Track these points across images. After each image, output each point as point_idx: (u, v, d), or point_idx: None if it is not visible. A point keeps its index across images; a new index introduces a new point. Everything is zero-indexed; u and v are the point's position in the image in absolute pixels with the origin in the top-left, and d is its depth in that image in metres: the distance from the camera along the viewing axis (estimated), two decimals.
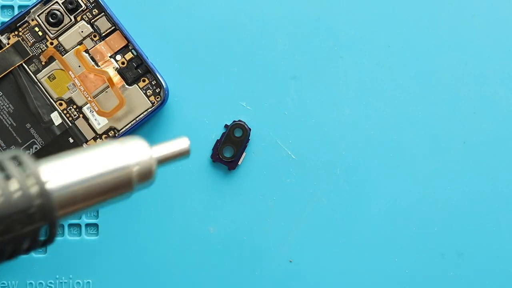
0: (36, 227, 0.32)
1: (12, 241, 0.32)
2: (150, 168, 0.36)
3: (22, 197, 0.31)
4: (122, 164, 0.35)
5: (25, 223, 0.31)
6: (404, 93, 0.50)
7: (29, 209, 0.31)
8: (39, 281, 0.49)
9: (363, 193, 0.50)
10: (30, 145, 0.48)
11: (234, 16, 0.50)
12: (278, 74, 0.50)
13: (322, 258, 0.50)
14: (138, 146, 0.36)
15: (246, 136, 0.50)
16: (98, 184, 0.34)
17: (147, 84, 0.49)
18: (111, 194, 0.35)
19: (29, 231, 0.32)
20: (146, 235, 0.50)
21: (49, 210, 0.32)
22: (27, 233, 0.32)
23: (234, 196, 0.50)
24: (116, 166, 0.35)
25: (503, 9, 0.50)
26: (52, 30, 0.48)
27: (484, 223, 0.50)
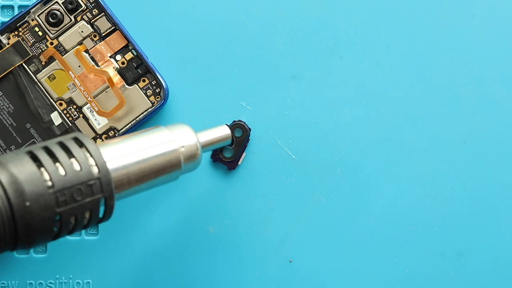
0: (95, 198, 0.35)
1: (74, 211, 0.35)
2: (196, 151, 0.41)
3: (84, 171, 0.35)
4: (171, 147, 0.40)
5: (85, 194, 0.35)
6: (404, 93, 0.50)
7: (90, 180, 0.35)
8: (39, 281, 0.49)
9: (363, 193, 0.50)
10: (30, 145, 0.48)
11: (234, 16, 0.50)
12: (278, 74, 0.50)
13: (322, 258, 0.50)
14: (185, 131, 0.41)
15: (246, 136, 0.49)
16: (150, 165, 0.39)
17: (147, 84, 0.49)
18: (161, 174, 0.40)
19: (89, 201, 0.35)
20: (146, 235, 0.50)
21: (107, 183, 0.35)
22: (87, 204, 0.35)
23: (234, 196, 0.50)
24: (166, 150, 0.40)
25: (503, 9, 0.51)
26: (52, 30, 0.48)
27: (484, 223, 0.50)
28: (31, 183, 0.33)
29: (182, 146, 0.41)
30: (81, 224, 0.36)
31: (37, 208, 0.33)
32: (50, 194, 0.34)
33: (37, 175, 0.34)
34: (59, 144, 0.36)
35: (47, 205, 0.34)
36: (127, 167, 0.38)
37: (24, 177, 0.34)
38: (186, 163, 0.41)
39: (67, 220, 0.35)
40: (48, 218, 0.34)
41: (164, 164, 0.40)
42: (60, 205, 0.34)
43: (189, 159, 0.41)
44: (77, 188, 0.35)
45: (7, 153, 0.35)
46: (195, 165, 0.42)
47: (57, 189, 0.34)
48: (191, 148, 0.41)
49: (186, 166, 0.41)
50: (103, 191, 0.36)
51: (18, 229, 0.33)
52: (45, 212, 0.34)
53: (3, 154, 0.35)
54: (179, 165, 0.40)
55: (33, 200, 0.33)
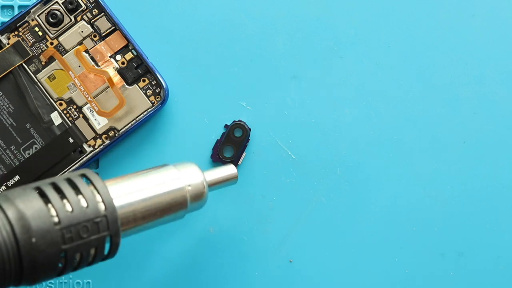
0: (101, 236, 0.35)
1: (80, 248, 0.35)
2: (202, 190, 0.41)
3: (91, 208, 0.35)
4: (178, 186, 0.40)
5: (92, 231, 0.35)
6: (404, 93, 0.50)
7: (96, 218, 0.35)
8: None
9: (363, 193, 0.50)
10: (30, 145, 0.48)
11: (234, 16, 0.50)
12: (278, 74, 0.50)
13: (322, 258, 0.50)
14: (192, 170, 0.41)
15: (246, 136, 0.50)
16: (156, 203, 0.39)
17: (147, 84, 0.49)
18: (167, 213, 0.40)
19: (95, 239, 0.35)
20: (146, 235, 0.50)
21: (113, 220, 0.36)
22: (93, 241, 0.35)
23: (234, 196, 0.50)
24: (172, 188, 0.40)
25: (503, 9, 0.51)
26: (52, 30, 0.48)
27: (484, 223, 0.50)
28: (38, 219, 0.34)
29: (188, 185, 0.41)
30: (86, 261, 0.36)
31: (43, 244, 0.33)
32: (57, 230, 0.34)
33: (44, 211, 0.34)
34: (66, 180, 0.36)
35: (53, 241, 0.34)
36: (133, 205, 0.38)
37: (31, 213, 0.34)
38: (192, 203, 0.41)
39: (73, 256, 0.35)
40: (54, 254, 0.34)
41: (170, 202, 0.40)
42: (66, 242, 0.34)
43: (195, 198, 0.41)
44: (83, 225, 0.35)
45: (15, 189, 0.35)
46: (201, 204, 0.42)
47: (64, 225, 0.34)
48: (197, 186, 0.41)
49: (192, 205, 0.41)
50: (109, 229, 0.36)
51: (24, 265, 0.34)
52: (51, 249, 0.34)
53: (10, 190, 0.35)
54: (185, 204, 0.40)
55: (39, 236, 0.33)
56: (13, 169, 0.48)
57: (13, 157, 0.48)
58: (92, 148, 0.49)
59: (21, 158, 0.48)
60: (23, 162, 0.48)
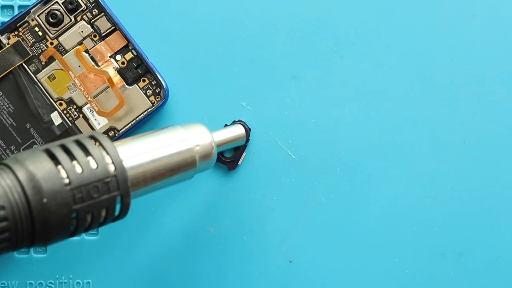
0: (112, 195, 0.36)
1: (91, 208, 0.35)
2: (211, 150, 0.42)
3: (101, 168, 0.35)
4: (187, 146, 0.40)
5: (102, 191, 0.35)
6: (404, 93, 0.50)
7: (106, 178, 0.35)
8: (39, 281, 0.49)
9: (363, 193, 0.50)
10: (30, 145, 0.48)
11: (234, 16, 0.50)
12: (278, 74, 0.50)
13: (322, 258, 0.50)
14: (200, 130, 0.42)
15: (246, 136, 0.49)
16: (166, 164, 0.39)
17: (147, 84, 0.49)
18: (176, 172, 0.40)
19: (105, 199, 0.35)
20: (146, 235, 0.50)
21: (123, 180, 0.36)
22: (104, 201, 0.35)
23: (234, 196, 0.50)
24: (181, 148, 0.40)
25: (503, 9, 0.51)
26: (52, 30, 0.48)
27: (484, 223, 0.50)
28: (48, 180, 0.34)
29: (197, 145, 0.41)
30: (97, 221, 0.36)
31: (55, 205, 0.34)
32: (67, 191, 0.34)
33: (55, 173, 0.34)
34: (76, 142, 0.36)
35: (64, 202, 0.34)
36: (143, 165, 0.38)
37: (42, 175, 0.34)
38: (201, 162, 0.41)
39: (84, 217, 0.35)
40: (65, 215, 0.34)
41: (180, 162, 0.40)
42: (77, 202, 0.34)
43: (204, 158, 0.41)
44: (93, 186, 0.35)
45: (24, 151, 0.35)
46: (209, 164, 0.42)
47: (74, 186, 0.34)
48: (206, 147, 0.41)
49: (201, 165, 0.42)
50: (120, 189, 0.36)
51: (36, 225, 0.34)
52: (62, 209, 0.34)
53: (20, 152, 0.35)
54: (194, 163, 0.41)
55: (50, 197, 0.34)
56: None
57: None
58: None
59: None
60: None
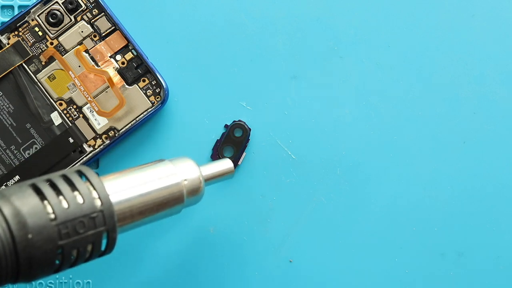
0: (98, 231, 0.35)
1: (77, 244, 0.35)
2: (199, 184, 0.41)
3: (87, 203, 0.35)
4: (174, 181, 0.40)
5: (88, 226, 0.35)
6: (404, 93, 0.50)
7: (92, 213, 0.35)
8: (39, 281, 0.49)
9: (363, 193, 0.50)
10: (30, 145, 0.48)
11: (234, 16, 0.50)
12: (278, 74, 0.50)
13: (322, 258, 0.50)
14: (188, 165, 0.41)
15: (246, 136, 0.50)
16: (153, 198, 0.39)
17: (147, 84, 0.49)
18: (164, 208, 0.40)
19: (92, 234, 0.35)
20: (146, 235, 0.50)
21: (110, 215, 0.36)
22: (90, 237, 0.35)
23: (234, 196, 0.50)
24: (169, 183, 0.40)
25: (503, 9, 0.51)
26: (52, 30, 0.48)
27: (484, 223, 0.50)
28: (34, 216, 0.33)
29: (185, 180, 0.41)
30: (83, 257, 0.36)
31: (40, 240, 0.33)
32: (53, 226, 0.34)
33: (40, 208, 0.34)
34: (62, 177, 0.36)
35: (50, 237, 0.34)
36: (130, 200, 0.38)
37: (27, 210, 0.33)
38: (189, 197, 0.41)
39: (69, 253, 0.35)
40: (51, 250, 0.34)
41: (167, 197, 0.40)
42: (62, 238, 0.34)
43: (192, 193, 0.41)
44: (79, 221, 0.35)
45: (10, 186, 0.35)
46: (197, 199, 0.42)
47: (60, 221, 0.34)
48: (194, 181, 0.41)
49: (189, 200, 0.41)
50: (106, 224, 0.36)
51: (20, 261, 0.33)
52: (48, 245, 0.34)
53: (6, 188, 0.35)
54: (182, 198, 0.40)
55: (35, 232, 0.33)
56: (13, 169, 0.48)
57: (13, 157, 0.48)
58: (92, 148, 0.49)
59: (21, 158, 0.48)
60: (23, 162, 0.48)
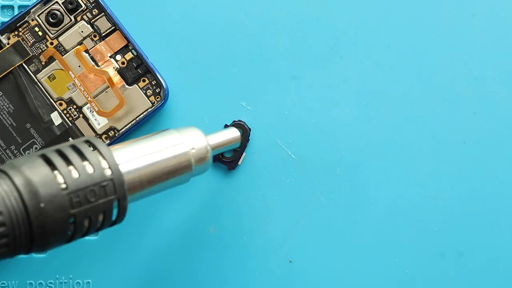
0: (109, 199, 0.36)
1: (88, 212, 0.35)
2: (206, 153, 0.42)
3: (97, 173, 0.35)
4: (182, 150, 0.41)
5: (99, 195, 0.35)
6: (404, 93, 0.50)
7: (103, 182, 0.35)
8: (39, 281, 0.49)
9: (363, 193, 0.50)
10: (30, 145, 0.48)
11: (234, 16, 0.50)
12: (278, 74, 0.50)
13: (322, 258, 0.50)
14: (195, 134, 0.42)
15: (246, 136, 0.50)
16: (162, 168, 0.40)
17: (147, 84, 0.49)
18: (172, 176, 0.40)
19: (102, 202, 0.35)
20: (146, 235, 0.50)
21: (120, 184, 0.36)
22: (101, 205, 0.35)
23: (234, 196, 0.50)
24: (177, 152, 0.40)
25: (503, 9, 0.51)
26: (52, 30, 0.48)
27: (484, 223, 0.50)
28: (45, 185, 0.34)
29: (192, 148, 0.41)
30: (95, 226, 0.36)
31: (52, 209, 0.34)
32: (64, 195, 0.34)
33: (51, 177, 0.34)
34: (71, 147, 0.36)
35: (61, 206, 0.34)
36: (139, 170, 0.38)
37: (38, 179, 0.34)
38: (197, 165, 0.42)
39: (81, 221, 0.35)
40: (63, 219, 0.34)
41: (176, 166, 0.40)
42: (74, 206, 0.34)
43: (199, 161, 0.42)
44: (90, 190, 0.35)
45: (20, 157, 0.35)
46: (205, 167, 0.42)
47: (71, 190, 0.34)
48: (201, 150, 0.42)
49: (197, 168, 0.42)
50: (116, 192, 0.36)
51: (34, 230, 0.34)
52: (60, 213, 0.34)
53: (16, 158, 0.35)
54: (190, 167, 0.41)
55: (47, 201, 0.34)
56: None
57: (13, 157, 0.48)
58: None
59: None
60: None
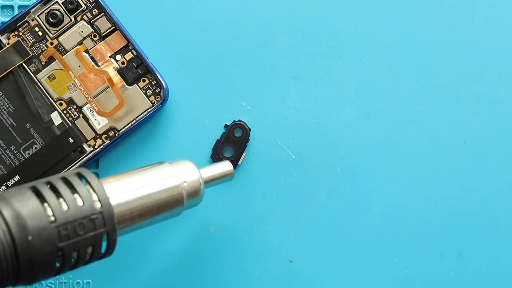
0: (98, 232, 0.35)
1: (77, 245, 0.35)
2: (199, 187, 0.41)
3: (87, 205, 0.35)
4: (174, 183, 0.40)
5: (88, 228, 0.35)
6: (404, 93, 0.50)
7: (92, 215, 0.35)
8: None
9: (363, 193, 0.50)
10: (30, 145, 0.48)
11: (234, 16, 0.50)
12: (278, 74, 0.50)
13: (322, 258, 0.50)
14: (187, 167, 0.41)
15: (246, 136, 0.50)
16: (153, 201, 0.39)
17: (147, 84, 0.49)
18: (164, 210, 0.40)
19: (92, 236, 0.35)
20: (146, 235, 0.50)
21: (109, 217, 0.36)
22: (90, 238, 0.35)
23: (234, 196, 0.50)
24: (169, 185, 0.40)
25: (503, 9, 0.51)
26: (52, 30, 0.48)
27: (484, 223, 0.50)
28: (33, 218, 0.34)
29: (184, 182, 0.41)
30: (84, 259, 0.36)
31: (40, 242, 0.33)
32: (53, 228, 0.34)
33: (40, 210, 0.34)
34: (62, 179, 0.36)
35: (50, 239, 0.34)
36: (130, 203, 0.38)
37: (27, 212, 0.34)
38: (189, 199, 0.41)
39: (69, 254, 0.35)
40: (51, 252, 0.34)
41: (167, 199, 0.40)
42: (62, 240, 0.34)
43: (191, 195, 0.41)
44: (79, 223, 0.35)
45: (10, 189, 0.35)
46: (197, 201, 0.42)
47: (60, 223, 0.34)
48: (193, 183, 0.41)
49: (189, 202, 0.41)
50: (106, 226, 0.36)
51: (21, 263, 0.33)
52: (48, 246, 0.34)
53: (6, 190, 0.35)
54: (181, 200, 0.40)
55: (35, 234, 0.33)
56: (13, 169, 0.48)
57: (13, 157, 0.48)
58: (92, 148, 0.49)
59: (21, 158, 0.48)
60: (23, 162, 0.48)
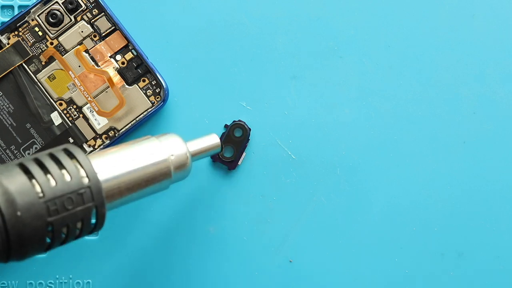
0: (86, 207, 0.35)
1: (66, 220, 0.35)
2: (186, 160, 0.42)
3: (74, 181, 0.35)
4: (161, 157, 0.41)
5: (76, 202, 0.35)
6: (404, 93, 0.50)
7: (80, 189, 0.35)
8: (39, 281, 0.49)
9: (363, 193, 0.50)
10: (30, 145, 0.48)
11: (234, 16, 0.50)
12: (278, 74, 0.50)
13: (322, 258, 0.50)
14: (174, 141, 0.42)
15: (246, 136, 0.50)
16: (140, 174, 0.39)
17: (147, 84, 0.49)
18: (152, 183, 0.40)
19: (80, 210, 0.35)
20: (146, 235, 0.50)
21: (97, 191, 0.36)
22: (79, 213, 0.35)
23: (234, 196, 0.50)
24: (156, 159, 0.40)
25: (503, 9, 0.51)
26: (52, 30, 0.48)
27: (484, 223, 0.50)
28: (22, 194, 0.34)
29: (171, 155, 0.41)
30: (73, 234, 0.36)
31: (29, 217, 0.34)
32: (41, 203, 0.34)
33: (28, 186, 0.34)
34: (49, 155, 0.36)
35: (39, 214, 0.34)
36: (118, 177, 0.38)
37: (15, 188, 0.34)
38: (176, 172, 0.41)
39: (59, 229, 0.35)
40: (40, 227, 0.34)
41: (155, 173, 0.40)
42: (51, 214, 0.34)
43: (179, 168, 0.42)
44: (68, 197, 0.35)
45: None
46: (185, 174, 0.42)
47: (48, 198, 0.34)
48: (180, 157, 0.42)
49: (176, 175, 0.42)
50: (94, 200, 0.36)
51: (11, 239, 0.34)
52: (37, 221, 0.34)
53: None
54: (169, 174, 0.41)
55: (24, 209, 0.33)
56: None
57: (13, 157, 0.48)
58: (92, 148, 0.49)
59: (21, 158, 0.48)
60: None
